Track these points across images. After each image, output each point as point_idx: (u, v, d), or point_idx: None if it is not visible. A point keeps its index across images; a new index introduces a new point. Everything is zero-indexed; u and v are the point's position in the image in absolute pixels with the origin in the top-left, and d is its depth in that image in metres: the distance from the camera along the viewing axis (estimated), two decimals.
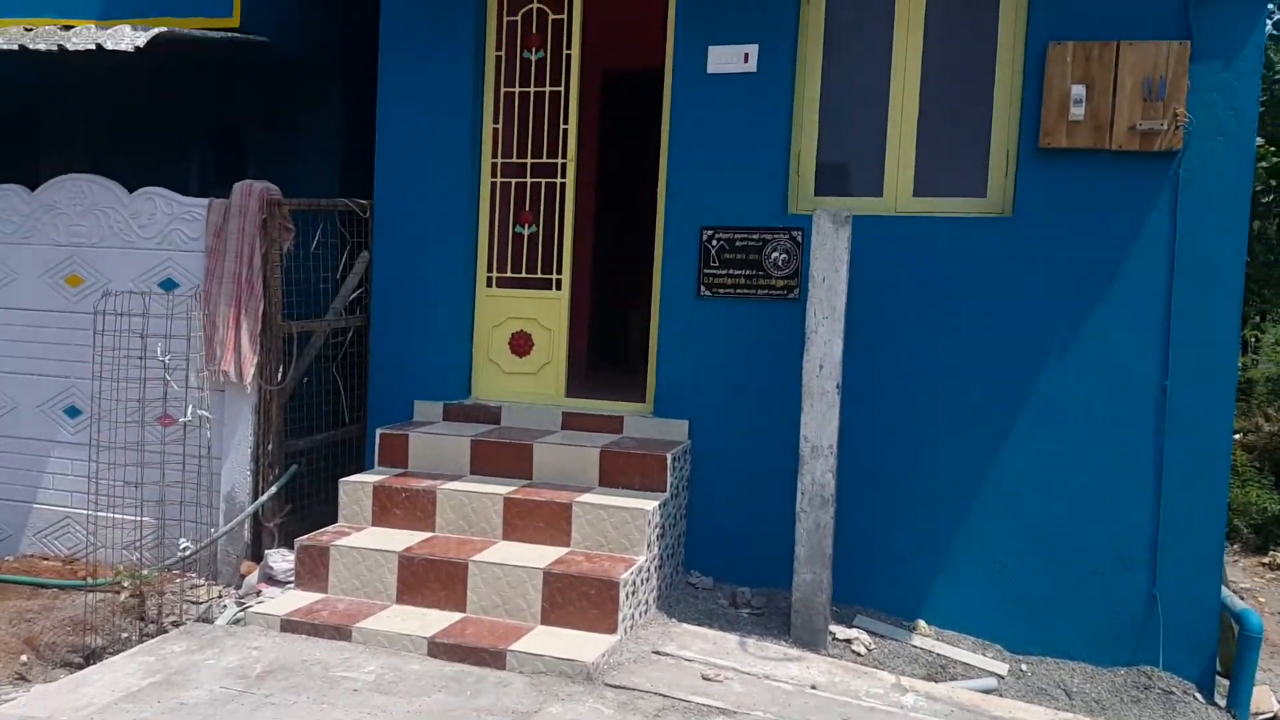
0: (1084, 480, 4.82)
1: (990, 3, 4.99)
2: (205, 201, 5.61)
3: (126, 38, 5.17)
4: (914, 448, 5.03)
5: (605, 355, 7.71)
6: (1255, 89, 4.58)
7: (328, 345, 5.96)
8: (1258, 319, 9.35)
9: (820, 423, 4.58)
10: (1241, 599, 5.80)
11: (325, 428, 6.02)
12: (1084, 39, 4.71)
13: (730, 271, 5.30)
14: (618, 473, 5.01)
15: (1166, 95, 4.59)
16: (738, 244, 5.29)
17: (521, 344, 5.79)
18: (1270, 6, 8.26)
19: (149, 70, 6.06)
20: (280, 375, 5.61)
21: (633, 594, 4.46)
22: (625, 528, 4.69)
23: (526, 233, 5.85)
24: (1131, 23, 4.67)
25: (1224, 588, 4.97)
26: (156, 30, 5.28)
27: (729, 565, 5.23)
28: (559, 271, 5.74)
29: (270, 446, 5.56)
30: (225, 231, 5.55)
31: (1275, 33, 8.12)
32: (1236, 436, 8.19)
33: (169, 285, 5.65)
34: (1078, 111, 4.69)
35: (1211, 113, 4.62)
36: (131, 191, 5.73)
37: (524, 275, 5.83)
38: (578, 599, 4.33)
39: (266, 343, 5.57)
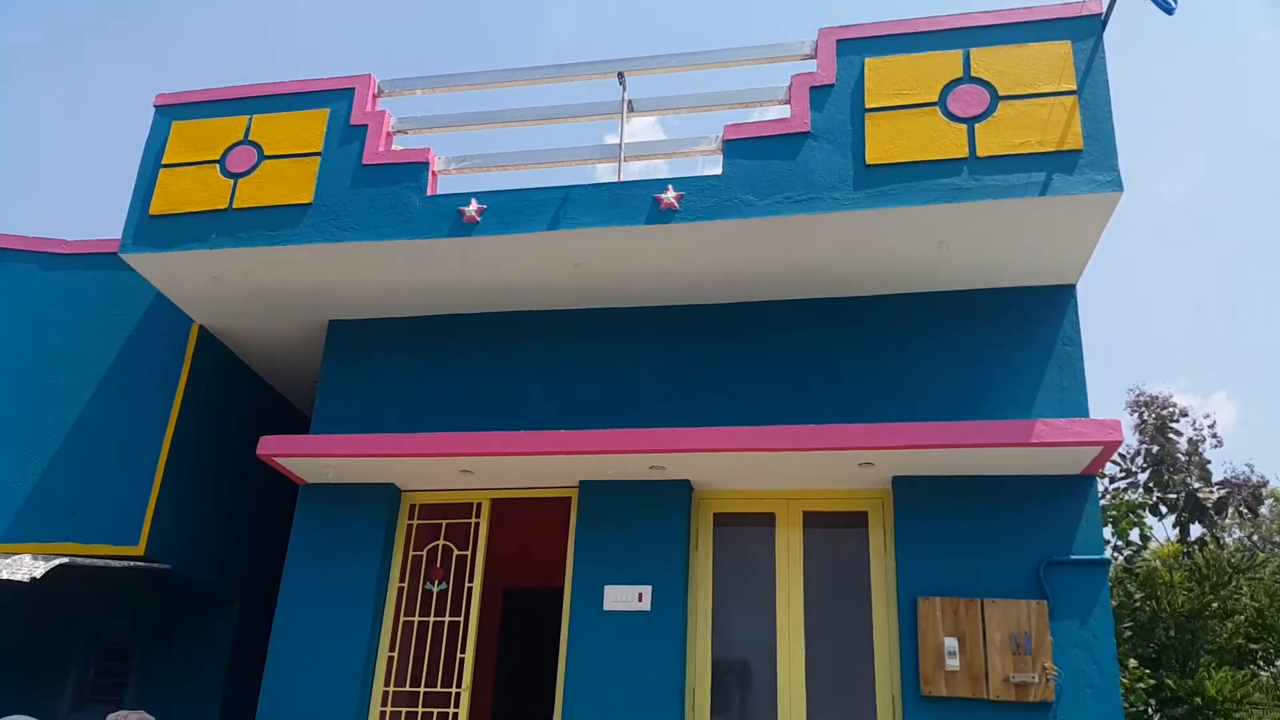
0: None
1: (861, 561, 5.42)
2: None
3: (24, 568, 5.15)
4: None
5: None
6: (1111, 645, 4.89)
7: None
8: None
9: None
10: None
11: None
12: (950, 595, 5.07)
13: None
14: None
15: (1033, 649, 4.87)
16: None
17: None
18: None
19: (41, 587, 5.98)
20: None
21: None
22: None
23: None
24: (992, 581, 5.08)
25: None
26: (56, 561, 5.30)
27: None
28: None
29: None
30: None
31: (1129, 566, 8.80)
32: None
33: None
34: (953, 662, 4.91)
35: (1076, 666, 4.88)
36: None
37: None
38: None
39: None
